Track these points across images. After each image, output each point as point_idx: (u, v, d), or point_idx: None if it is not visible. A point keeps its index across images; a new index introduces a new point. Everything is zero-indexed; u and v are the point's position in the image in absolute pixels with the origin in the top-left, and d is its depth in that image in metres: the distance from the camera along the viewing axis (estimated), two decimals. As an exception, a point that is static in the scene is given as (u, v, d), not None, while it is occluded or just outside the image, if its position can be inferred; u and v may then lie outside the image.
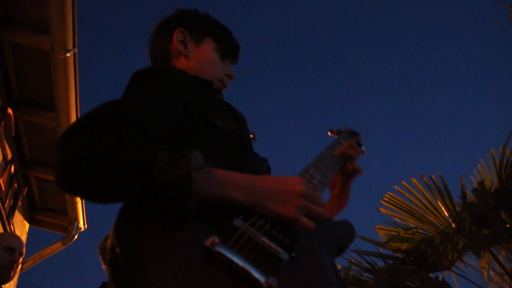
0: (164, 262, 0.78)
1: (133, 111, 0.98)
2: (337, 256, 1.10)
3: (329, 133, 1.56)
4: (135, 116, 0.96)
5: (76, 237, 5.77)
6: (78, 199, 5.29)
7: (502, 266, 4.37)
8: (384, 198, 4.90)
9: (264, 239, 0.87)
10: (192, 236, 0.84)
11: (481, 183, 4.46)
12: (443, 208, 4.57)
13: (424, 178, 4.66)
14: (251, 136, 1.33)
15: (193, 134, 1.09)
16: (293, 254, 0.88)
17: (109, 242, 0.83)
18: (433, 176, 4.61)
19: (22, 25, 3.64)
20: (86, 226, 5.91)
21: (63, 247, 5.82)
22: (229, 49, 1.45)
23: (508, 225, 4.22)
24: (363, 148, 1.47)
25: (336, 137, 1.48)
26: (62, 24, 3.25)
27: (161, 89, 1.11)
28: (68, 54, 3.40)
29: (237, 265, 0.81)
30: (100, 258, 3.12)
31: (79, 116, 4.23)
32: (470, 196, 4.54)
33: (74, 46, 3.40)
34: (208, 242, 0.81)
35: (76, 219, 5.65)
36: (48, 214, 6.04)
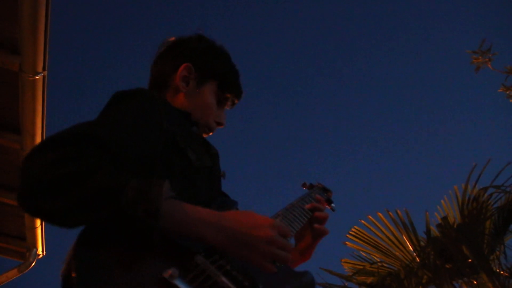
0: None
1: (106, 134, 0.95)
2: None
3: (302, 186, 1.59)
4: (107, 139, 0.94)
5: (33, 264, 5.52)
6: (38, 224, 5.09)
7: (463, 300, 4.44)
8: (351, 232, 4.95)
9: (223, 279, 0.86)
10: (151, 266, 0.83)
11: (445, 219, 4.56)
12: (408, 243, 4.64)
13: (390, 213, 4.74)
14: (222, 174, 1.30)
15: (164, 164, 1.06)
16: None
17: (64, 266, 0.81)
18: (399, 211, 4.70)
19: (-11, 43, 3.56)
20: (45, 252, 5.66)
21: (19, 275, 5.54)
22: (230, 98, 1.40)
23: (469, 260, 4.31)
24: (333, 205, 1.51)
25: (308, 191, 1.50)
26: (33, 45, 3.17)
27: (139, 115, 1.08)
28: (38, 77, 3.32)
29: None
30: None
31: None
32: (434, 231, 4.63)
33: (44, 69, 3.32)
34: (166, 274, 0.80)
35: (34, 245, 5.40)
36: (4, 239, 5.77)
